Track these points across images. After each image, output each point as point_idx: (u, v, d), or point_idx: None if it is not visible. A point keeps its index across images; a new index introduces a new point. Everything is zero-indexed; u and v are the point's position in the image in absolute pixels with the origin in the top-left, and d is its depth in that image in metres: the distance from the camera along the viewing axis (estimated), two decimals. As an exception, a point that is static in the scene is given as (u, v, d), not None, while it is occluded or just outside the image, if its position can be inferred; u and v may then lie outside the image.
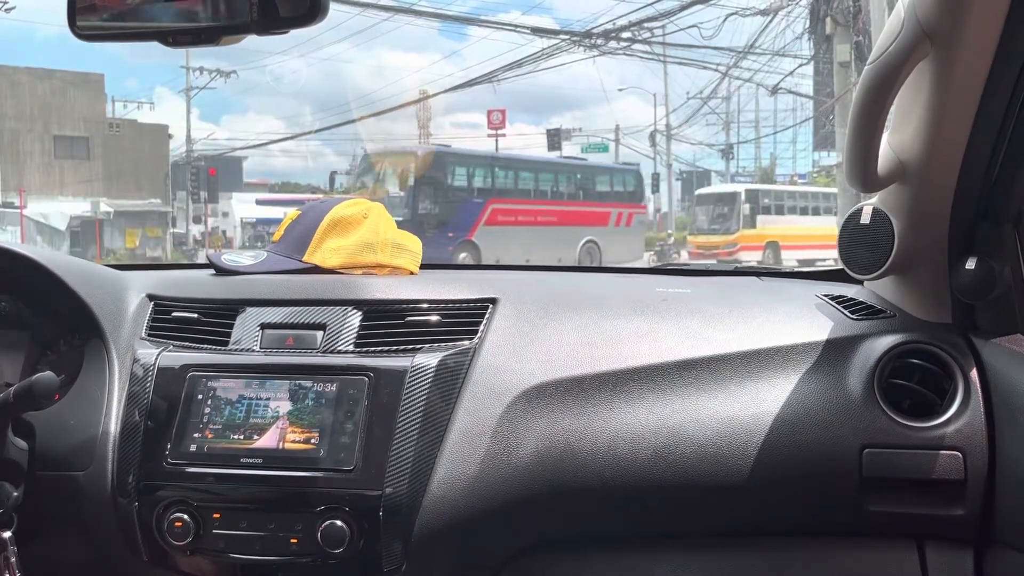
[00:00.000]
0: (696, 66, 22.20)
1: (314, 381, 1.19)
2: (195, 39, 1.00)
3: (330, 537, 1.11)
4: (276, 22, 0.97)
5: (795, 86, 23.02)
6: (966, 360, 1.15)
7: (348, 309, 1.27)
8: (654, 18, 17.19)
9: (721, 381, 1.20)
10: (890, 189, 1.20)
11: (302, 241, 1.50)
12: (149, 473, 1.18)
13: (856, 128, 1.10)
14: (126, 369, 1.27)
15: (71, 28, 1.04)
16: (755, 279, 1.67)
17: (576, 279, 1.84)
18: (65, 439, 1.23)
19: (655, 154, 29.70)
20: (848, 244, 1.27)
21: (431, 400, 1.16)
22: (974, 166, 1.13)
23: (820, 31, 12.96)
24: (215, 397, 1.20)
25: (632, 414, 1.17)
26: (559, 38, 19.22)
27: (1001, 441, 1.09)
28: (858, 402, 1.15)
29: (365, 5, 19.05)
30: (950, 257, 1.19)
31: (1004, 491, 1.08)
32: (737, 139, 33.53)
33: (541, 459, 1.15)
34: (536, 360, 1.21)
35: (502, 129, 26.62)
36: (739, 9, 21.93)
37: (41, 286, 1.34)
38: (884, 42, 1.06)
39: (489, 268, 2.27)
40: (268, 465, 1.15)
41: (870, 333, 1.22)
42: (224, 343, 1.27)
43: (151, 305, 1.36)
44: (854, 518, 1.13)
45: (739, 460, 1.14)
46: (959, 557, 1.14)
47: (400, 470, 1.12)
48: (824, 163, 26.99)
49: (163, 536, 1.16)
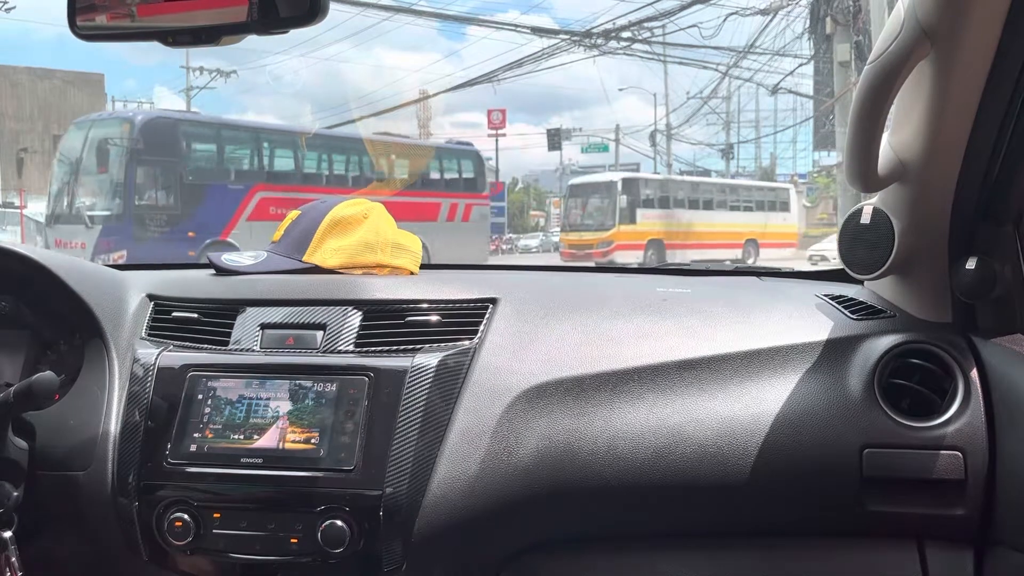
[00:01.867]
0: (696, 66, 22.02)
1: (314, 381, 1.19)
2: (195, 39, 1.00)
3: (330, 537, 1.11)
4: (276, 22, 0.97)
5: (795, 86, 22.97)
6: (966, 360, 1.16)
7: (348, 309, 1.27)
8: (654, 18, 17.09)
9: (721, 381, 1.20)
10: (890, 189, 1.20)
11: (302, 241, 1.50)
12: (149, 473, 1.18)
13: (856, 128, 1.10)
14: (126, 369, 1.27)
15: (71, 28, 1.04)
16: (755, 279, 1.68)
17: (576, 279, 1.84)
18: (65, 439, 1.23)
19: (655, 154, 29.70)
20: (848, 244, 1.27)
21: (431, 400, 1.16)
22: (974, 166, 1.13)
23: (820, 31, 12.97)
24: (215, 397, 1.20)
25: (632, 414, 1.17)
26: (559, 38, 18.95)
27: (1001, 441, 1.10)
28: (858, 402, 1.15)
29: (365, 5, 18.99)
30: (950, 257, 1.19)
31: (1004, 491, 1.08)
32: (737, 139, 33.54)
33: (541, 459, 1.15)
34: (536, 360, 1.21)
35: (502, 129, 26.64)
36: (739, 9, 22.00)
37: (41, 286, 1.34)
38: (884, 42, 1.06)
39: (489, 268, 2.27)
40: (268, 465, 1.15)
41: (870, 333, 1.22)
42: (224, 343, 1.27)
43: (151, 305, 1.37)
44: (854, 518, 1.13)
45: (739, 460, 1.14)
46: (959, 557, 1.14)
47: (400, 470, 1.12)
48: (824, 163, 27.00)
49: (163, 536, 1.16)
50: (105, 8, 1.03)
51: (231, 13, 0.97)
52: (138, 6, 1.01)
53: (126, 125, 13.02)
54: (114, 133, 12.95)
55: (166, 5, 1.00)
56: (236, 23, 0.97)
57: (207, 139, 14.13)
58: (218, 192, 13.60)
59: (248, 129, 15.34)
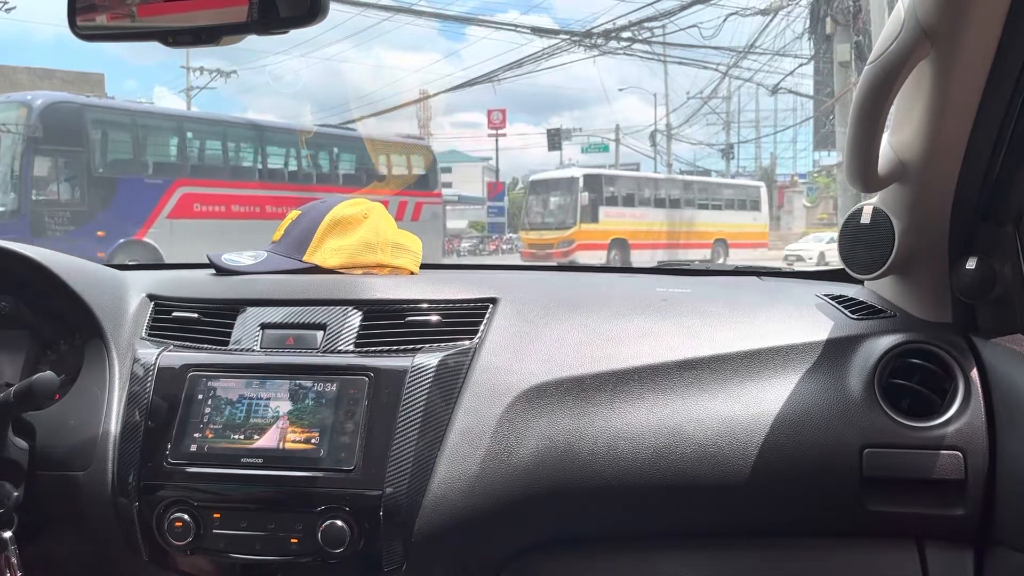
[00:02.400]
0: (696, 66, 21.86)
1: (314, 381, 1.19)
2: (195, 39, 1.01)
3: (330, 537, 1.11)
4: (276, 22, 0.97)
5: (795, 86, 22.96)
6: (966, 360, 1.16)
7: (348, 309, 1.27)
8: (654, 18, 17.04)
9: (722, 381, 1.20)
10: (890, 189, 1.20)
11: (302, 241, 1.50)
12: (149, 473, 1.18)
13: (856, 128, 1.10)
14: (126, 369, 1.27)
15: (71, 28, 1.04)
16: (756, 279, 1.68)
17: (576, 279, 1.84)
18: (65, 439, 1.23)
19: (655, 154, 29.70)
20: (849, 244, 1.27)
21: (431, 400, 1.16)
22: (974, 166, 1.13)
23: (820, 31, 12.96)
24: (215, 397, 1.20)
25: (632, 414, 1.17)
26: (559, 38, 18.88)
27: (1001, 441, 1.09)
28: (858, 402, 1.15)
29: (365, 5, 18.96)
30: (950, 257, 1.19)
31: (1004, 491, 1.08)
32: (737, 139, 33.51)
33: (541, 459, 1.15)
34: (536, 360, 1.21)
35: (502, 129, 26.62)
36: (739, 9, 22.01)
37: (41, 286, 1.34)
38: (884, 42, 1.06)
39: (489, 268, 2.27)
40: (268, 465, 1.15)
41: (870, 333, 1.22)
42: (224, 343, 1.27)
43: (151, 305, 1.37)
44: (854, 518, 1.13)
45: (739, 460, 1.14)
46: (959, 557, 1.14)
47: (400, 470, 1.12)
48: (824, 163, 27.00)
49: (163, 536, 1.16)
50: (105, 8, 1.03)
51: (231, 13, 0.97)
52: (138, 6, 1.01)
53: (23, 110, 11.47)
54: (9, 118, 11.46)
55: (166, 5, 1.00)
56: (236, 23, 0.98)
57: (120, 127, 12.55)
58: (133, 186, 12.13)
59: (169, 117, 14.03)
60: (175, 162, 13.06)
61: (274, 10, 0.96)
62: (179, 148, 13.29)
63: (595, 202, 18.07)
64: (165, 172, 12.70)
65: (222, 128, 13.93)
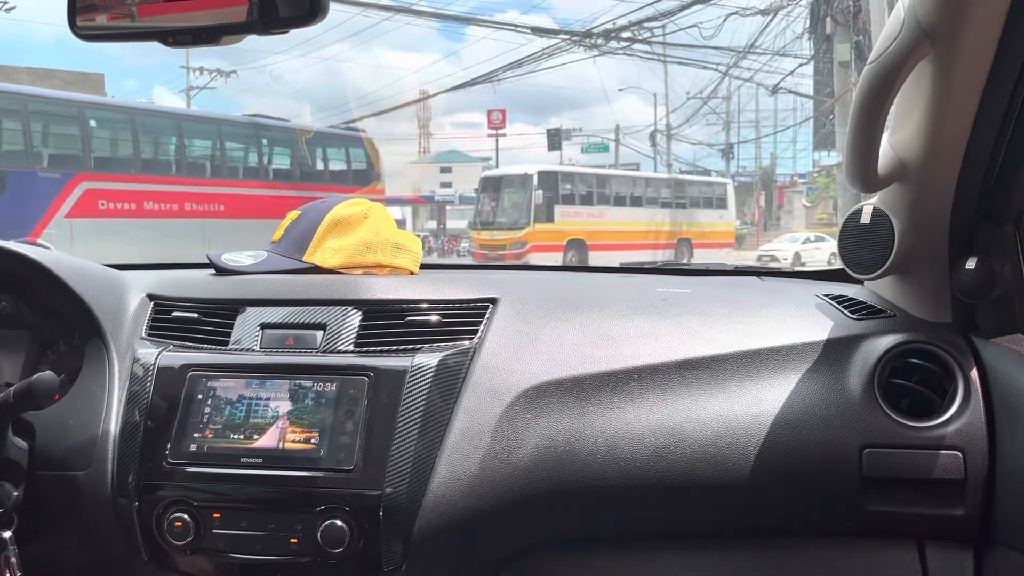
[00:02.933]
0: (696, 66, 21.78)
1: (314, 381, 1.19)
2: (195, 39, 1.01)
3: (330, 537, 1.11)
4: (276, 22, 0.97)
5: (795, 86, 22.91)
6: (966, 360, 1.16)
7: (348, 309, 1.27)
8: (654, 18, 17.03)
9: (721, 381, 1.20)
10: (890, 189, 1.20)
11: (302, 241, 1.50)
12: (149, 473, 1.18)
13: (856, 128, 1.10)
14: (126, 369, 1.27)
15: (71, 28, 1.04)
16: (756, 279, 1.68)
17: (576, 279, 1.84)
18: (65, 439, 1.23)
19: (655, 154, 29.70)
20: (849, 244, 1.27)
21: (431, 400, 1.16)
22: (974, 166, 1.13)
23: (820, 31, 12.96)
24: (215, 397, 1.20)
25: (632, 414, 1.17)
26: (559, 38, 18.87)
27: (1001, 441, 1.09)
28: (858, 402, 1.15)
29: (365, 5, 18.95)
30: (950, 257, 1.19)
31: (1004, 491, 1.08)
32: (737, 139, 33.54)
33: (541, 459, 1.15)
34: (536, 360, 1.21)
35: (502, 129, 26.60)
36: (739, 9, 21.99)
37: (41, 286, 1.34)
38: (884, 42, 1.06)
39: (489, 268, 2.27)
40: (268, 465, 1.15)
41: (870, 333, 1.22)
42: (224, 343, 1.27)
43: (151, 305, 1.37)
44: (854, 518, 1.13)
45: (739, 460, 1.14)
46: (959, 557, 1.14)
47: (400, 470, 1.12)
48: (824, 163, 27.01)
49: (163, 536, 1.16)
50: (105, 8, 1.03)
51: (231, 13, 0.97)
52: (138, 6, 1.01)
53: None
54: None
55: (166, 5, 1.00)
56: (236, 23, 0.98)
57: (8, 114, 10.93)
58: (24, 180, 10.62)
59: (68, 103, 12.02)
60: (76, 154, 11.39)
61: (274, 10, 0.96)
62: (82, 137, 11.53)
63: (551, 201, 17.10)
64: (64, 165, 11.14)
65: (131, 116, 12.28)
